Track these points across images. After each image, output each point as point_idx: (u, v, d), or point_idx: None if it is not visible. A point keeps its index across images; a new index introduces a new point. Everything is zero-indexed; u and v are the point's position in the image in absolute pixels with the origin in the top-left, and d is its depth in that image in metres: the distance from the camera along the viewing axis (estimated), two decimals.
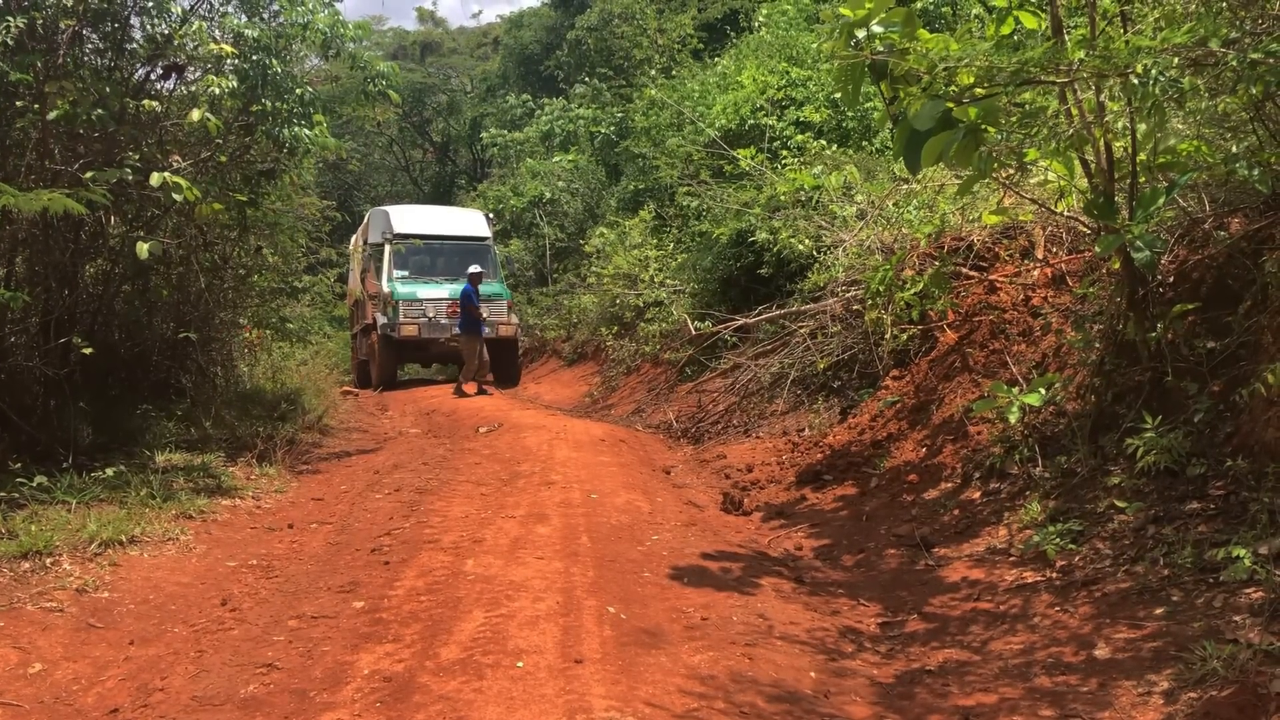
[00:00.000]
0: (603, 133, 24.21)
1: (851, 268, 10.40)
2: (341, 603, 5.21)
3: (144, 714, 4.04)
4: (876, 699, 4.26)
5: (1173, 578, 4.65)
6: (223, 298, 11.81)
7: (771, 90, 15.52)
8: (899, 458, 7.68)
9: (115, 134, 7.82)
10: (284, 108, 9.25)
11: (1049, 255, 8.12)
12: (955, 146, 5.08)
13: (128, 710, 4.10)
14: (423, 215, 21.66)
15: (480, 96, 37.79)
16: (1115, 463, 5.77)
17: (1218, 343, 5.53)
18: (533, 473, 8.45)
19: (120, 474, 7.52)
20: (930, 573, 5.77)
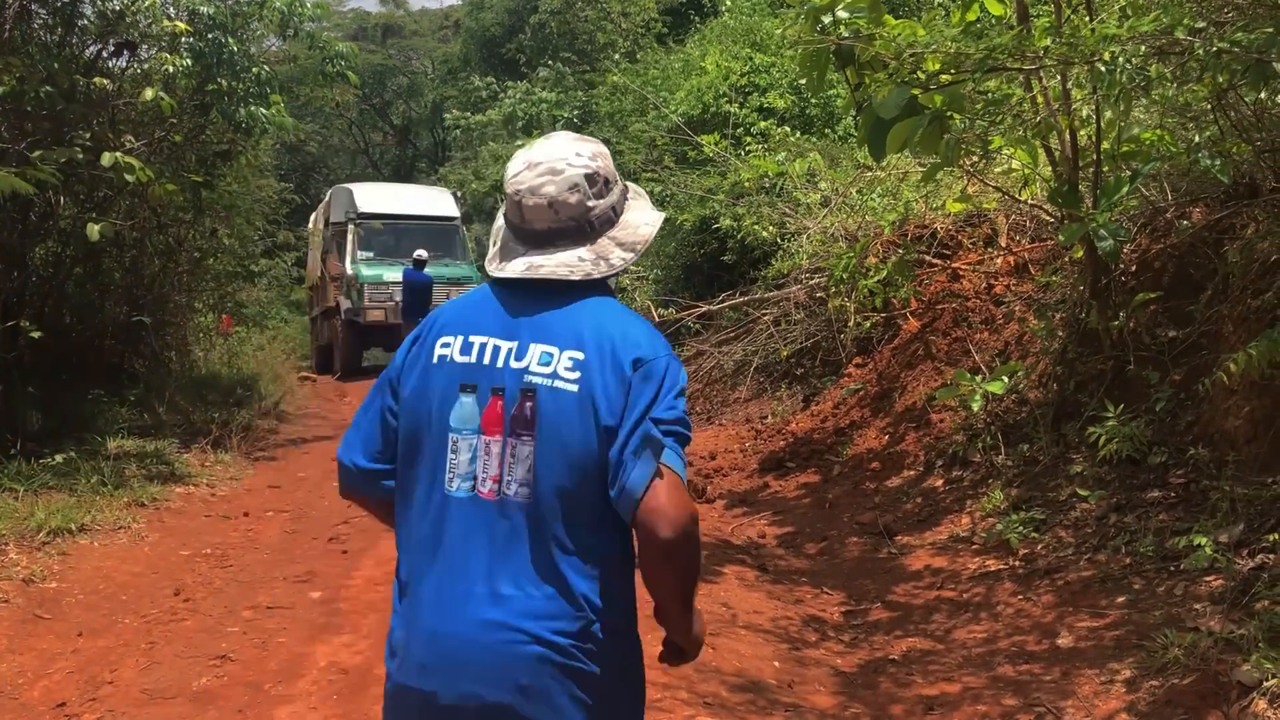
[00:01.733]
0: (565, 117, 24.04)
1: (815, 255, 10.37)
2: (298, 593, 5.12)
3: (92, 707, 3.92)
4: (840, 688, 4.24)
5: (1134, 566, 4.67)
6: (177, 281, 11.61)
7: (735, 76, 15.44)
8: (861, 445, 7.67)
9: (64, 112, 7.61)
10: (240, 87, 9.07)
11: (1012, 243, 8.14)
12: (920, 134, 5.03)
13: (75, 704, 3.98)
14: (388, 194, 20.92)
15: (441, 79, 37.44)
16: (1077, 451, 5.78)
17: (1179, 332, 5.56)
18: None
19: (70, 461, 7.34)
20: (893, 561, 5.76)
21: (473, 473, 1.76)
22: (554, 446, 1.72)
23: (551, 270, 1.85)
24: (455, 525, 1.76)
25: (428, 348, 1.87)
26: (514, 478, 1.73)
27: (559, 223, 1.87)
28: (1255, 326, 4.91)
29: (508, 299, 1.88)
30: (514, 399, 1.75)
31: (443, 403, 1.80)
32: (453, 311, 1.94)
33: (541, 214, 1.86)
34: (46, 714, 3.94)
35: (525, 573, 1.72)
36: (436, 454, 1.79)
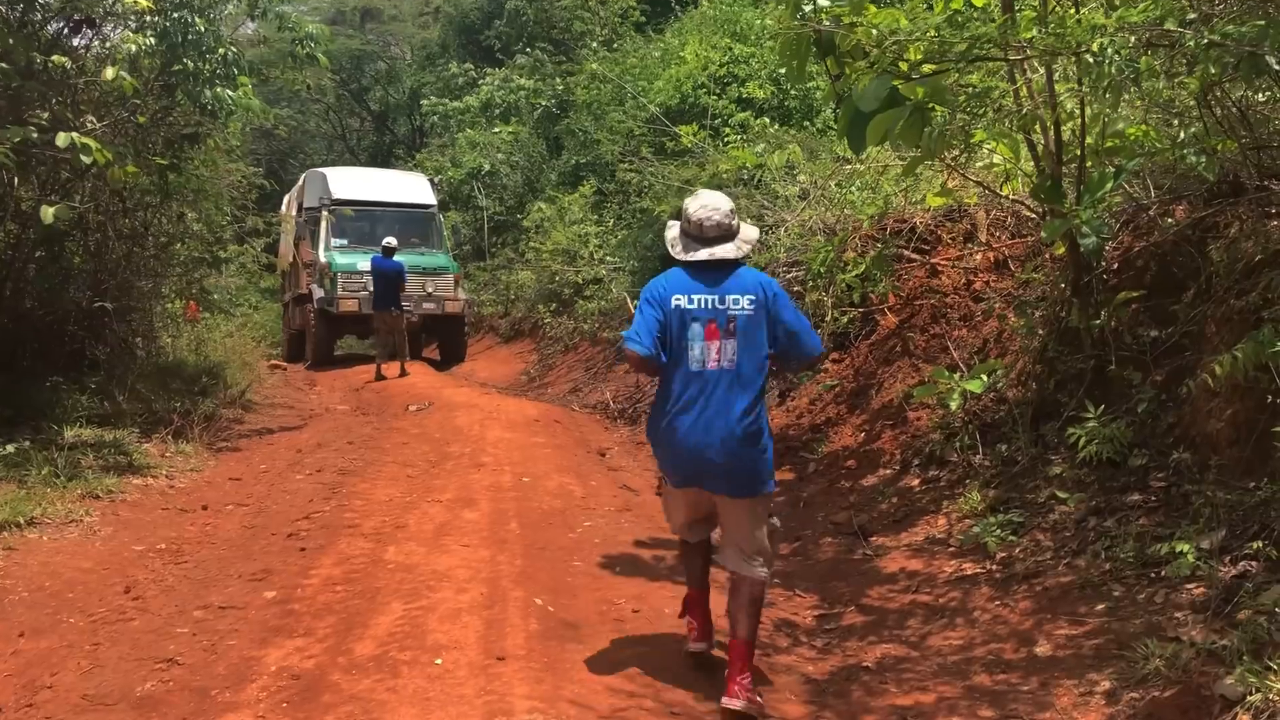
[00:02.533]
0: (543, 105, 23.81)
1: (793, 248, 10.25)
2: (252, 592, 4.93)
3: (29, 714, 3.74)
4: (811, 697, 4.11)
5: (1114, 572, 4.55)
6: (143, 266, 11.34)
7: (714, 66, 15.29)
8: (837, 443, 7.54)
9: (21, 90, 7.36)
10: (206, 68, 8.82)
11: (992, 239, 8.02)
12: (901, 125, 4.89)
13: (10, 710, 3.79)
14: (363, 179, 20.48)
15: (420, 65, 37.02)
16: (1056, 452, 5.67)
17: (1161, 331, 5.45)
18: (463, 454, 8.19)
19: (22, 450, 7.12)
20: (868, 562, 5.63)
21: (704, 357, 3.93)
22: (745, 341, 3.94)
23: (723, 254, 4.03)
24: (702, 385, 3.92)
25: (668, 300, 3.98)
26: (728, 358, 3.92)
27: (721, 232, 4.06)
28: (1239, 327, 4.80)
29: (698, 274, 4.02)
30: (723, 321, 3.94)
31: (682, 326, 3.95)
32: (671, 283, 4.02)
33: (716, 228, 4.05)
34: None
35: (741, 399, 3.90)
36: (682, 350, 3.95)
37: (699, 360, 3.93)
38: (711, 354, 3.93)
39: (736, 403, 3.90)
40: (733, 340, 3.92)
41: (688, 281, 3.99)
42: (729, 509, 4.06)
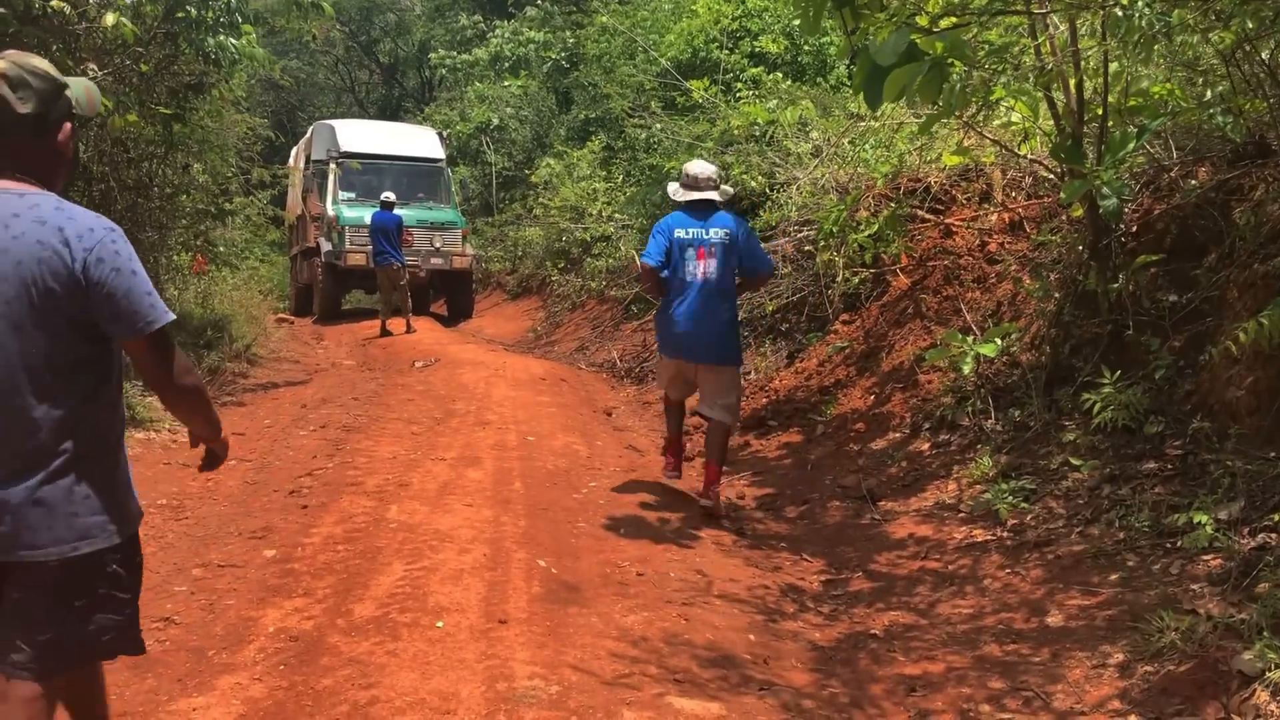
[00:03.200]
0: (553, 58, 23.51)
1: (805, 207, 10.09)
2: (252, 550, 4.88)
3: None
4: (817, 665, 4.04)
5: (1129, 541, 4.46)
6: (148, 218, 11.23)
7: (726, 20, 15.03)
8: (846, 405, 7.44)
9: (19, 35, 7.22)
10: (210, 15, 8.65)
11: (1007, 200, 7.87)
12: (919, 81, 4.74)
13: None
14: (371, 132, 20.17)
15: (429, 17, 36.62)
16: (1070, 418, 5.57)
17: (1181, 296, 5.32)
18: (468, 412, 8.12)
19: None
20: (876, 527, 5.55)
21: (695, 271, 5.84)
22: (721, 260, 5.85)
23: (708, 197, 5.97)
24: (691, 290, 5.85)
25: (671, 231, 5.93)
26: (710, 272, 5.83)
27: (709, 181, 6.00)
28: (1262, 293, 4.68)
29: (691, 213, 5.98)
30: (708, 246, 5.85)
31: (680, 250, 5.85)
32: (674, 220, 5.98)
33: (705, 181, 6.00)
34: None
35: (718, 307, 5.87)
36: (680, 266, 5.86)
37: (691, 273, 5.94)
38: (700, 269, 5.93)
39: (715, 303, 5.94)
40: (714, 259, 5.93)
41: (684, 219, 6.04)
42: (706, 374, 6.07)
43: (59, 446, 2.32)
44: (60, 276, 2.25)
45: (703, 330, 5.88)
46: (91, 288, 2.28)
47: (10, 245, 2.24)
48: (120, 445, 2.53)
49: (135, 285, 2.31)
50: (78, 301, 2.28)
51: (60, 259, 2.25)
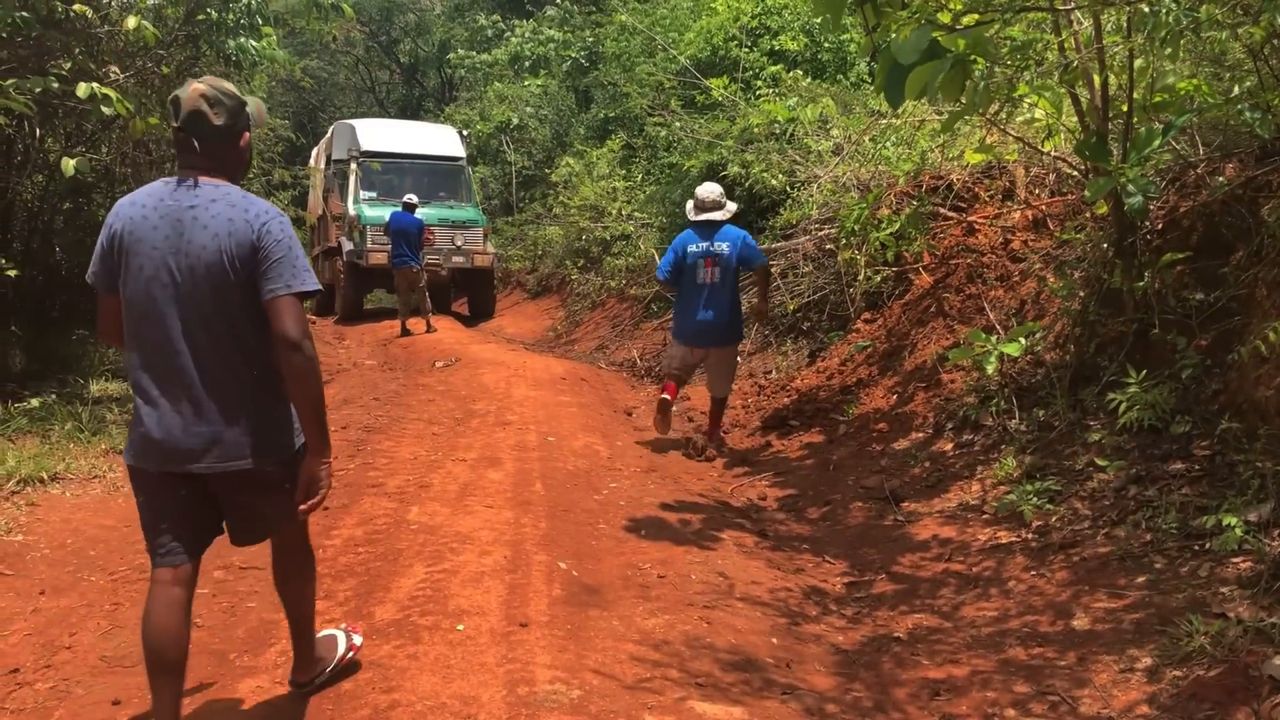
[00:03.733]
0: (573, 57, 23.50)
1: (825, 205, 10.05)
2: None
3: (46, 675, 3.70)
4: (840, 668, 4.00)
5: (1155, 543, 4.40)
6: None
7: (745, 17, 14.97)
8: (868, 405, 7.40)
9: (42, 39, 7.26)
10: (230, 18, 8.69)
11: (1031, 197, 7.80)
12: (941, 79, 4.70)
13: (29, 670, 3.76)
14: (392, 131, 20.15)
15: (449, 16, 36.71)
16: (1095, 418, 5.50)
17: (1208, 295, 5.25)
18: (488, 412, 8.11)
19: (46, 404, 7.09)
20: (899, 529, 5.51)
21: (704, 277, 7.40)
22: (725, 266, 7.40)
23: (712, 217, 7.48)
24: (703, 292, 7.44)
25: (685, 248, 7.49)
26: (716, 278, 7.39)
27: (715, 203, 7.50)
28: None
29: (700, 230, 7.51)
30: (714, 257, 7.39)
31: (694, 263, 7.43)
32: (685, 237, 7.54)
33: (711, 204, 7.49)
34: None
35: (723, 303, 7.46)
36: (692, 273, 7.43)
37: (701, 279, 7.48)
38: (708, 275, 7.48)
39: (721, 300, 7.51)
40: (718, 267, 7.46)
41: (694, 236, 7.56)
42: (714, 354, 7.70)
43: (249, 386, 3.07)
44: (244, 245, 2.97)
45: (711, 323, 7.51)
46: (265, 255, 2.98)
47: (210, 222, 2.98)
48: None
49: (293, 257, 3.01)
50: (254, 268, 2.98)
51: (245, 231, 2.98)
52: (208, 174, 3.07)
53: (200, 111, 3.02)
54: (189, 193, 3.02)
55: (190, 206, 2.99)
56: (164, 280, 2.97)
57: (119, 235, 3.02)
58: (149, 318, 2.99)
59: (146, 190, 3.09)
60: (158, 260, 2.97)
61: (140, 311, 3.00)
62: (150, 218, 3.01)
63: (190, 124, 3.03)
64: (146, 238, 2.98)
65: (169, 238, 2.97)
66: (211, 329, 2.99)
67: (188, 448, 2.99)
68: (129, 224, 3.01)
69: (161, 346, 2.99)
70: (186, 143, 3.06)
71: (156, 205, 3.02)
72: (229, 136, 3.11)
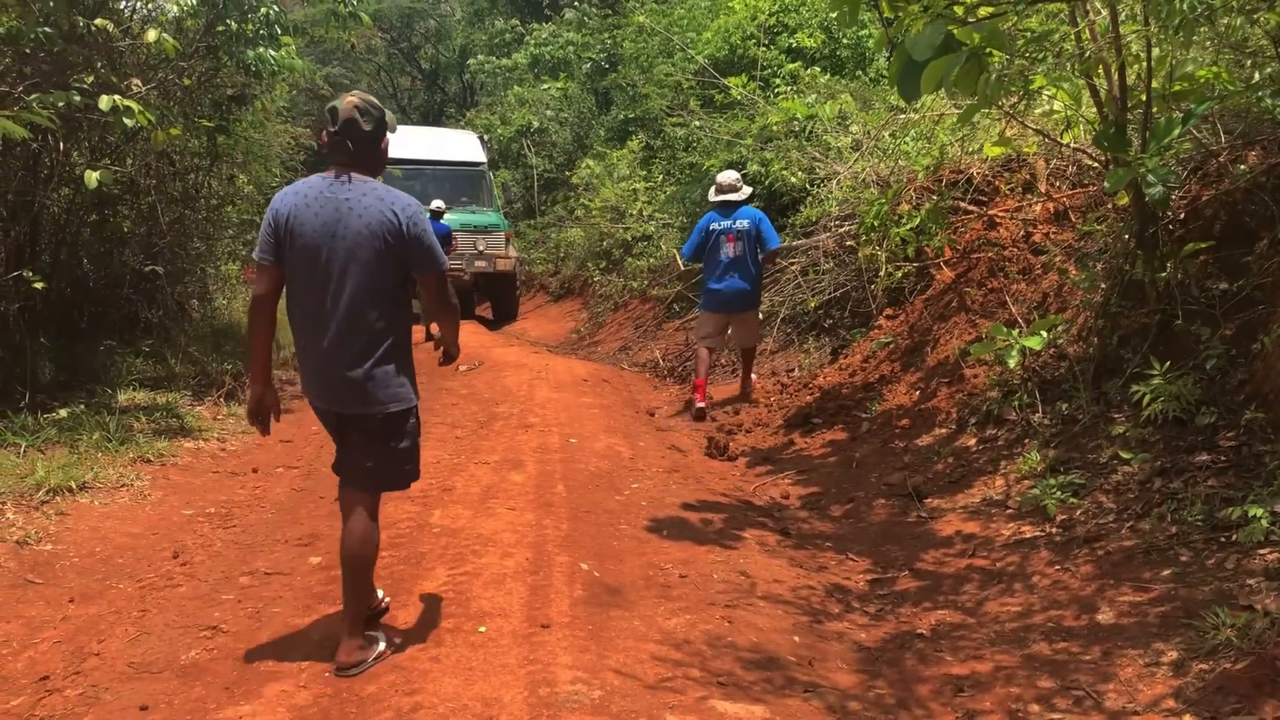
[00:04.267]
0: (592, 59, 23.52)
1: (845, 201, 10.02)
2: (298, 557, 4.92)
3: (75, 682, 3.75)
4: (862, 665, 3.99)
5: (1181, 536, 4.37)
6: (195, 229, 11.38)
7: (763, 15, 14.95)
8: (891, 401, 7.37)
9: (65, 54, 7.33)
10: (249, 28, 8.75)
11: (1051, 189, 7.74)
12: (956, 72, 4.67)
13: (59, 678, 3.81)
14: (413, 138, 20.18)
15: (469, 21, 36.83)
16: (1119, 410, 5.46)
17: (1231, 284, 5.20)
18: (511, 414, 8.14)
19: (74, 414, 7.17)
20: (922, 525, 5.48)
21: (727, 251, 8.66)
22: (746, 242, 8.63)
23: (735, 198, 8.80)
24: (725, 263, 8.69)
25: (708, 227, 8.79)
26: (736, 251, 8.64)
27: (732, 186, 8.81)
28: None
29: (721, 210, 8.81)
30: (735, 233, 8.65)
31: (717, 239, 8.69)
32: (710, 218, 8.82)
33: (729, 185, 8.82)
34: (28, 688, 3.76)
35: (745, 272, 8.68)
36: (715, 249, 8.71)
37: (725, 253, 8.68)
38: (730, 250, 8.67)
39: (744, 271, 8.66)
40: (740, 243, 8.64)
41: (716, 216, 8.80)
42: (739, 319, 8.91)
43: (384, 342, 3.73)
44: (392, 233, 3.68)
45: (736, 291, 8.70)
46: (409, 240, 3.71)
47: (363, 213, 3.66)
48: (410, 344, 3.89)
49: (430, 243, 3.76)
50: (400, 249, 3.70)
51: (393, 222, 3.68)
52: (357, 170, 3.76)
53: (353, 119, 3.72)
54: (344, 186, 3.71)
55: (345, 198, 3.68)
56: (323, 256, 3.65)
57: (285, 219, 3.68)
58: (310, 284, 3.68)
59: (305, 183, 3.75)
60: (319, 239, 3.64)
61: (303, 279, 3.69)
62: (312, 205, 3.68)
63: (345, 129, 3.72)
64: (309, 221, 3.65)
65: (327, 223, 3.65)
66: (357, 295, 3.65)
67: (334, 390, 3.74)
68: (293, 210, 3.68)
69: (318, 307, 3.68)
70: (341, 145, 3.75)
71: (317, 195, 3.69)
72: (374, 140, 3.79)
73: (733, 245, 8.62)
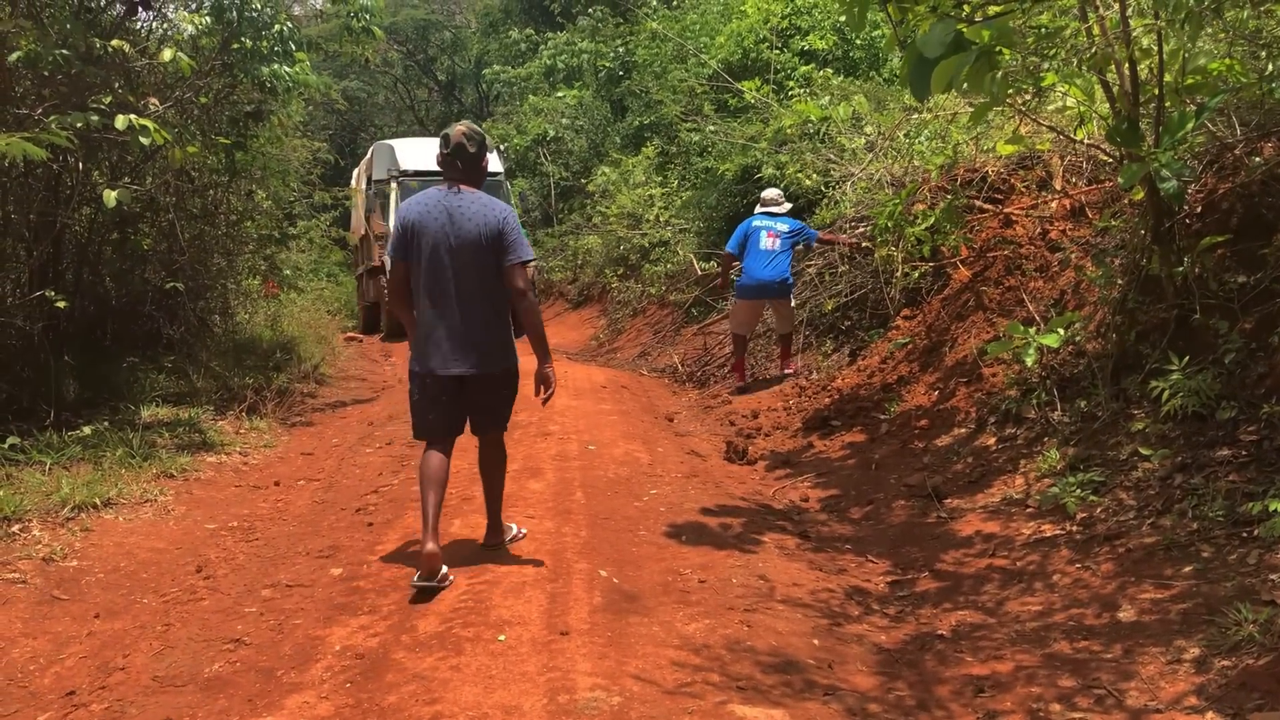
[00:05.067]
0: (606, 67, 23.58)
1: (860, 202, 10.02)
2: (319, 569, 4.95)
3: (101, 696, 3.79)
4: (882, 668, 3.98)
5: (1202, 532, 4.34)
6: (215, 245, 11.48)
7: (775, 19, 14.95)
8: (910, 402, 7.35)
9: (83, 75, 7.43)
10: (264, 45, 8.83)
11: (1067, 186, 7.71)
12: (966, 71, 4.67)
13: (85, 692, 3.85)
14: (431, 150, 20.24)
15: (484, 32, 36.97)
16: (1139, 406, 5.43)
17: (1249, 277, 5.16)
18: (529, 422, 8.15)
19: (98, 431, 7.24)
20: (942, 526, 5.47)
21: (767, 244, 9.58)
22: (783, 238, 9.62)
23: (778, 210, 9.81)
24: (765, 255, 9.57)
25: (751, 224, 9.79)
26: (775, 245, 9.58)
27: (775, 200, 9.86)
28: None
29: (763, 218, 9.77)
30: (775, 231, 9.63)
31: (758, 233, 9.67)
32: (755, 218, 9.82)
33: (772, 199, 9.88)
34: (55, 703, 3.80)
35: (782, 265, 9.57)
36: (756, 241, 9.64)
37: (765, 246, 9.53)
38: (770, 244, 9.52)
39: (780, 263, 9.48)
40: (778, 239, 9.53)
41: (761, 216, 9.75)
42: (776, 305, 9.80)
43: (496, 317, 4.83)
44: (494, 232, 4.67)
45: (771, 280, 9.48)
46: (505, 238, 4.68)
47: (472, 216, 4.68)
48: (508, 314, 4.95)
49: (520, 239, 4.74)
50: (499, 245, 4.68)
51: (495, 224, 4.68)
52: (465, 184, 4.81)
53: (461, 144, 4.79)
54: (455, 197, 4.74)
55: (457, 205, 4.71)
56: (442, 251, 4.67)
57: (411, 223, 4.73)
58: (432, 274, 4.70)
59: (426, 194, 4.80)
60: (438, 239, 4.67)
61: (427, 270, 4.70)
62: (432, 211, 4.72)
63: (456, 151, 4.80)
64: (430, 224, 4.69)
65: (444, 225, 4.68)
66: (467, 282, 4.69)
67: (454, 358, 4.75)
68: (417, 216, 4.73)
69: (441, 292, 4.71)
70: (452, 164, 4.82)
71: (435, 204, 4.73)
72: (477, 159, 4.86)
73: (772, 240, 9.52)
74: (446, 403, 4.83)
